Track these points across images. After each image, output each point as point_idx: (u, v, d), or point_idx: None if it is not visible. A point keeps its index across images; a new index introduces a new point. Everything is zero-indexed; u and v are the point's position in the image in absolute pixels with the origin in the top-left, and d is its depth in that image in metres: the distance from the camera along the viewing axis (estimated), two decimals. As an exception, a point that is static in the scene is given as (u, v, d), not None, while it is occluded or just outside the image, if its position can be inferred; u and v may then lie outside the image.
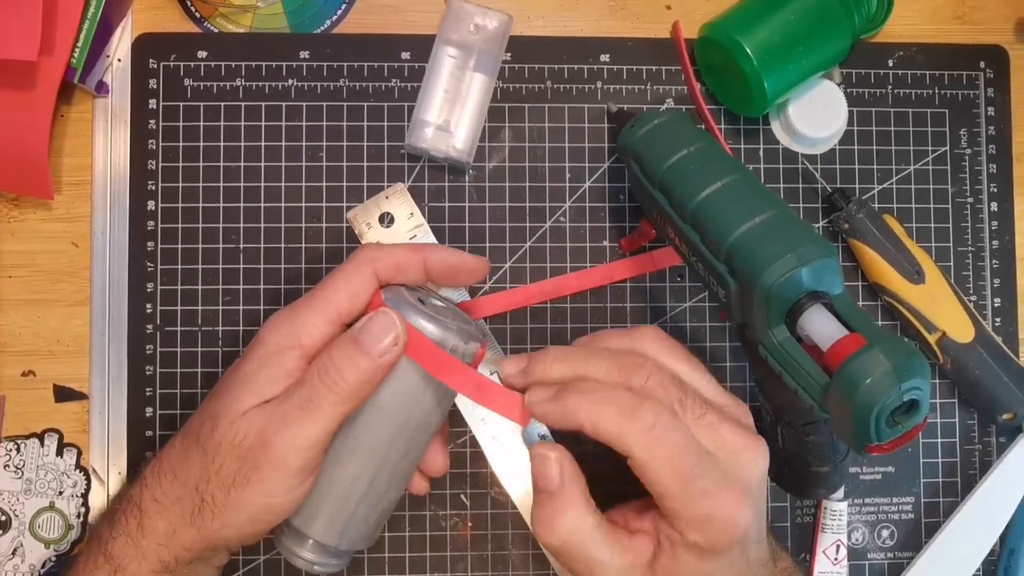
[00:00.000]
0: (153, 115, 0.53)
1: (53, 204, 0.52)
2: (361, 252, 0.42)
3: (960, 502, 0.54)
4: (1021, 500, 0.53)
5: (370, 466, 0.42)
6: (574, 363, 0.41)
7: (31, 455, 0.52)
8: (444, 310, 0.43)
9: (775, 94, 0.51)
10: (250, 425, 0.39)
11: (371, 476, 0.42)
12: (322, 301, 0.41)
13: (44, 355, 0.52)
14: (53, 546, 0.51)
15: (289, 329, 0.41)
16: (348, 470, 0.41)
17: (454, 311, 0.44)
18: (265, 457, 0.38)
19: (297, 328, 0.41)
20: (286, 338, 0.40)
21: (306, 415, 0.39)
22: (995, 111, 0.56)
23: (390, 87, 0.53)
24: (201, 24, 0.54)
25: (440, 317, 0.41)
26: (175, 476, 0.41)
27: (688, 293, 0.54)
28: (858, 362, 0.36)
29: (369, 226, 0.52)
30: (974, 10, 0.57)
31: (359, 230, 0.52)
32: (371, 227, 0.52)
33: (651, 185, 0.46)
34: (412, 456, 0.43)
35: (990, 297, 0.56)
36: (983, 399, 0.53)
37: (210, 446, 0.39)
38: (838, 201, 0.53)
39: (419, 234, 0.52)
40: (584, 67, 0.54)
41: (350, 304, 0.41)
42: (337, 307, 0.41)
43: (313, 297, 0.41)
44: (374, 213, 0.52)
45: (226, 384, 0.41)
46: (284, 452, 0.38)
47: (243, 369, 0.41)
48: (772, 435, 0.49)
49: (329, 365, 0.39)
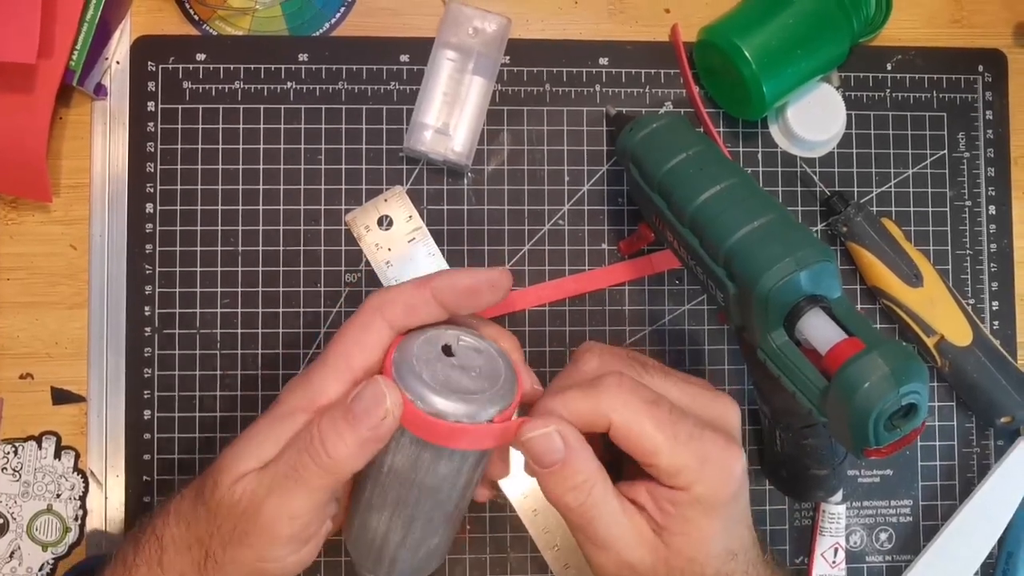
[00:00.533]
0: (152, 118, 0.53)
1: (51, 206, 0.52)
2: (369, 302, 0.39)
3: (959, 505, 0.54)
4: (1020, 503, 0.53)
5: (398, 521, 0.39)
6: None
7: (29, 458, 0.52)
8: (469, 359, 0.39)
9: (774, 97, 0.51)
10: (244, 488, 0.38)
11: (402, 530, 0.39)
12: (335, 359, 0.39)
13: (42, 357, 0.52)
14: (51, 549, 0.51)
15: (304, 391, 0.39)
16: (379, 520, 0.39)
17: (486, 360, 0.39)
18: (255, 523, 0.38)
19: (313, 391, 0.38)
20: (301, 400, 0.39)
21: (290, 485, 0.37)
22: (993, 115, 0.56)
23: (389, 90, 0.53)
24: (200, 27, 0.54)
25: (453, 376, 0.37)
26: (188, 525, 0.40)
27: (687, 296, 0.54)
28: (856, 366, 0.36)
29: (368, 229, 0.52)
30: (972, 14, 0.57)
31: (358, 233, 0.52)
32: (370, 230, 0.52)
33: (650, 188, 0.46)
34: (447, 509, 0.39)
35: (988, 300, 0.56)
36: (981, 402, 0.53)
37: (212, 504, 0.39)
38: (836, 204, 0.53)
39: (418, 237, 0.52)
40: (583, 70, 0.54)
41: (364, 359, 0.39)
42: (350, 365, 0.38)
43: (327, 356, 0.39)
44: (373, 216, 0.52)
45: (237, 442, 0.40)
46: (272, 520, 0.37)
47: (254, 429, 0.39)
48: (771, 438, 0.49)
49: (315, 435, 0.37)
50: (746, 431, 0.54)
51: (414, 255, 0.52)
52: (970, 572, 0.53)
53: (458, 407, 0.36)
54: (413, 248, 0.52)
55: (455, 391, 0.36)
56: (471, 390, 0.37)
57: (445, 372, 0.37)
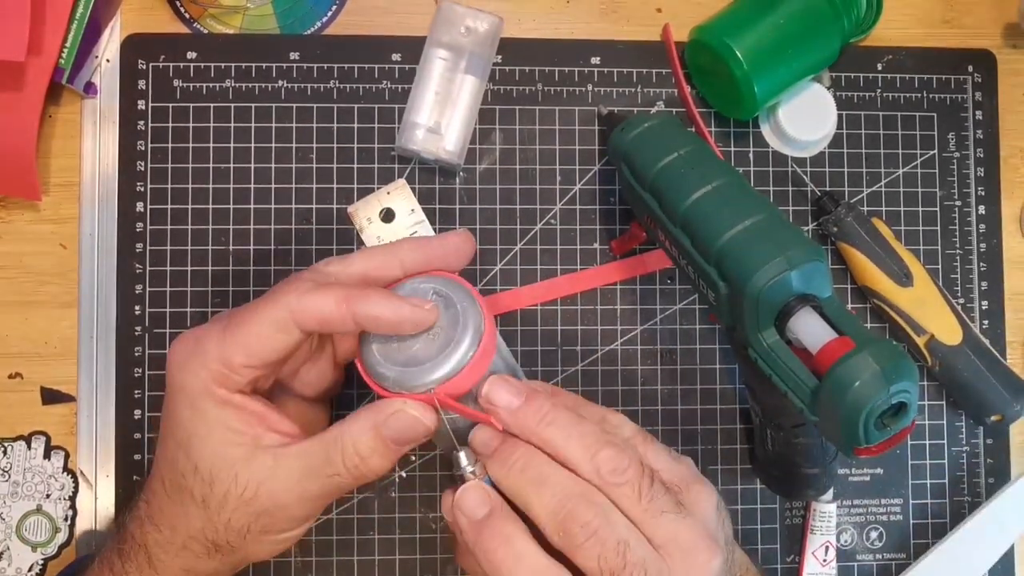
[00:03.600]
0: (142, 116, 0.52)
1: (41, 205, 0.52)
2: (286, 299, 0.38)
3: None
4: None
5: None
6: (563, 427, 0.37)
7: (18, 458, 0.51)
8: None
9: (765, 97, 0.51)
10: (259, 482, 0.38)
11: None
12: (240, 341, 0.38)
13: (31, 357, 0.52)
14: (40, 549, 0.51)
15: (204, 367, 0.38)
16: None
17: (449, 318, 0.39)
18: (278, 514, 0.39)
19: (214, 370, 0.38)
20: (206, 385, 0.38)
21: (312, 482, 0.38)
22: (983, 115, 0.56)
23: (380, 89, 0.53)
24: (190, 25, 0.53)
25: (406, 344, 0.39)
26: (173, 527, 0.40)
27: (678, 296, 0.54)
28: (847, 365, 0.37)
29: (370, 221, 0.52)
30: (962, 14, 0.57)
31: (359, 225, 0.52)
32: (371, 222, 0.52)
33: (641, 188, 0.46)
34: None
35: (978, 300, 0.56)
36: (971, 401, 0.53)
37: (212, 501, 0.38)
38: (827, 204, 0.53)
39: (419, 230, 0.52)
40: (575, 70, 0.54)
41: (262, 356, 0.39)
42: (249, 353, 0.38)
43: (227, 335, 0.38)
44: (375, 208, 0.52)
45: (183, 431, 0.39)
46: (295, 504, 0.39)
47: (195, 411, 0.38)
48: (761, 437, 0.49)
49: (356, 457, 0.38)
50: (737, 430, 0.54)
51: (414, 249, 0.52)
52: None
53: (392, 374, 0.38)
54: (414, 242, 0.53)
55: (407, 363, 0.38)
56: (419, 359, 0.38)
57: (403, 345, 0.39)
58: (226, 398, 0.38)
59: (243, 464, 0.38)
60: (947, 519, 0.55)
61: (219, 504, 0.38)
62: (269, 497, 0.38)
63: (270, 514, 0.38)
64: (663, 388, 0.54)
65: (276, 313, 0.38)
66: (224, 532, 0.39)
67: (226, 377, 0.38)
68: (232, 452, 0.38)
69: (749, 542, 0.54)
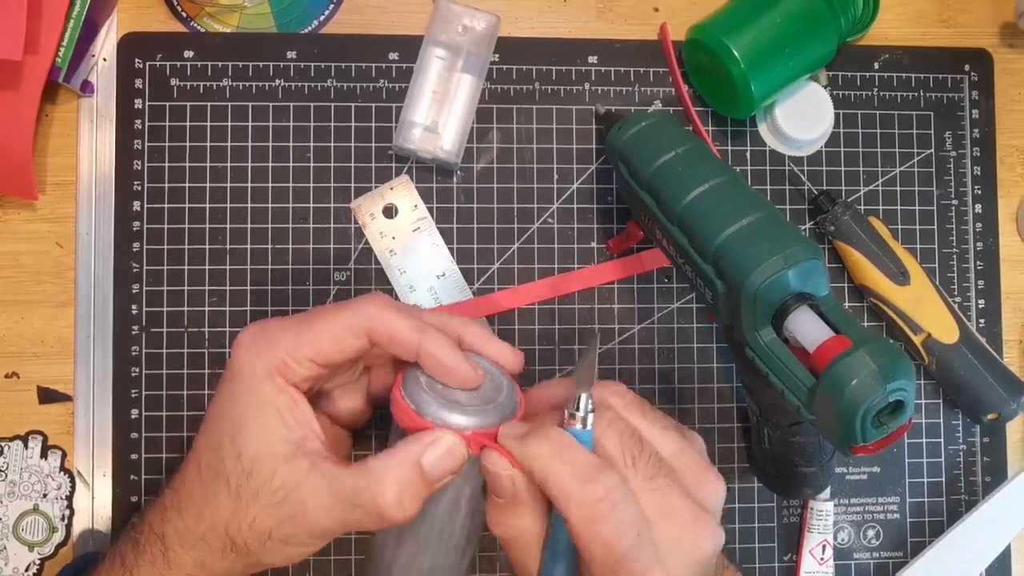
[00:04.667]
0: (139, 115, 0.52)
1: (38, 204, 0.52)
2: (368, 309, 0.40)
3: (947, 503, 0.55)
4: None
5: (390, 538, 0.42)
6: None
7: (15, 457, 0.51)
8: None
9: (762, 96, 0.51)
10: (293, 486, 0.38)
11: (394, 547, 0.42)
12: (312, 336, 0.40)
13: (28, 356, 0.52)
14: (37, 549, 0.51)
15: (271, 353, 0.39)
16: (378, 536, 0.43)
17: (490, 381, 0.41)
18: (302, 525, 0.39)
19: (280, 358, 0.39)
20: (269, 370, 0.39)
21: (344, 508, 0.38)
22: (979, 114, 0.56)
23: (378, 88, 0.53)
24: (187, 23, 0.53)
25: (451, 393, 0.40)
26: (199, 514, 0.40)
27: (675, 294, 0.54)
28: (844, 363, 0.37)
29: (373, 216, 0.52)
30: (959, 13, 0.57)
31: (363, 220, 0.52)
32: (375, 218, 0.52)
33: (639, 187, 0.46)
34: (435, 527, 0.42)
35: (974, 298, 0.56)
36: (968, 399, 0.53)
37: (244, 492, 0.38)
38: (824, 203, 0.53)
39: (422, 226, 0.52)
40: (572, 68, 0.54)
41: (331, 355, 0.40)
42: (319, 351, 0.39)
43: (302, 328, 0.40)
44: (378, 204, 0.52)
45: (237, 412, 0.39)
46: (320, 521, 0.38)
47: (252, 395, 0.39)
48: (758, 436, 0.49)
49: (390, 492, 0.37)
50: (734, 429, 0.54)
51: (418, 244, 0.52)
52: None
53: (441, 413, 0.38)
54: (417, 237, 0.52)
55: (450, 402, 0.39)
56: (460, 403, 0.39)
57: (446, 390, 0.40)
58: (285, 387, 0.39)
59: (283, 463, 0.38)
60: (944, 517, 0.55)
61: (250, 498, 0.38)
62: (297, 504, 0.38)
63: (294, 522, 0.38)
64: (660, 386, 0.54)
65: (355, 319, 0.40)
66: (247, 531, 0.39)
67: (288, 367, 0.39)
68: (277, 448, 0.39)
69: (746, 541, 0.54)
